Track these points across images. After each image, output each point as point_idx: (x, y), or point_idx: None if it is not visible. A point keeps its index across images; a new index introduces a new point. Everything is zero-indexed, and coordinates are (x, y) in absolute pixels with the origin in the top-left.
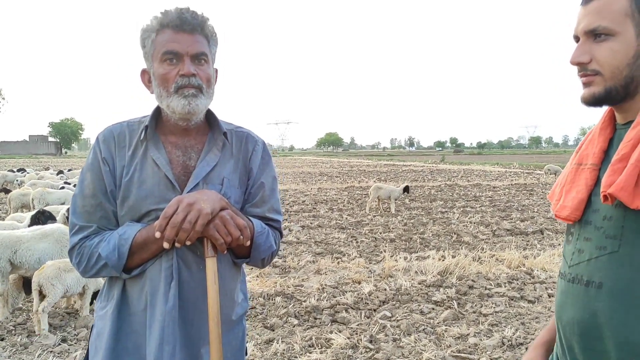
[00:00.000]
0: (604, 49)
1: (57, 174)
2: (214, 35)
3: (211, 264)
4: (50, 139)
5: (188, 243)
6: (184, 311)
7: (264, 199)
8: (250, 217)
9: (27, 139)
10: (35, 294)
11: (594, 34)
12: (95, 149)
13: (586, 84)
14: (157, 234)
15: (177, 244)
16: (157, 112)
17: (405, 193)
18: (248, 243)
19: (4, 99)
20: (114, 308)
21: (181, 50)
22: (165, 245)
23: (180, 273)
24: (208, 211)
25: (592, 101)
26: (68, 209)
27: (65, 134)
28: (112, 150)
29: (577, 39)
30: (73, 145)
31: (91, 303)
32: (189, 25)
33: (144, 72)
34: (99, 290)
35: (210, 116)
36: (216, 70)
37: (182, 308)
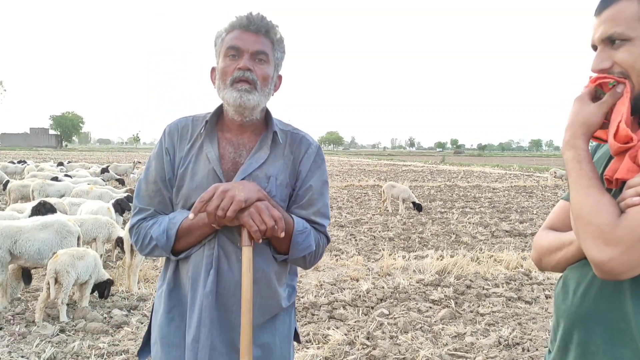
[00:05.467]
0: (622, 52)
1: (57, 166)
2: (281, 43)
3: (247, 252)
4: (51, 131)
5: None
6: (223, 298)
7: (311, 201)
8: (293, 216)
9: (28, 132)
10: (51, 282)
11: (611, 41)
12: (162, 140)
13: None
14: (191, 216)
15: (213, 225)
16: (220, 109)
17: (417, 211)
18: (283, 234)
19: (5, 90)
20: (165, 288)
21: (243, 47)
22: (191, 216)
23: (219, 262)
24: (241, 198)
25: None
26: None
27: (66, 127)
28: (175, 142)
29: (594, 47)
30: (73, 138)
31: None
32: (254, 25)
33: (213, 70)
34: (99, 283)
35: (268, 116)
36: (280, 77)
37: (221, 295)
